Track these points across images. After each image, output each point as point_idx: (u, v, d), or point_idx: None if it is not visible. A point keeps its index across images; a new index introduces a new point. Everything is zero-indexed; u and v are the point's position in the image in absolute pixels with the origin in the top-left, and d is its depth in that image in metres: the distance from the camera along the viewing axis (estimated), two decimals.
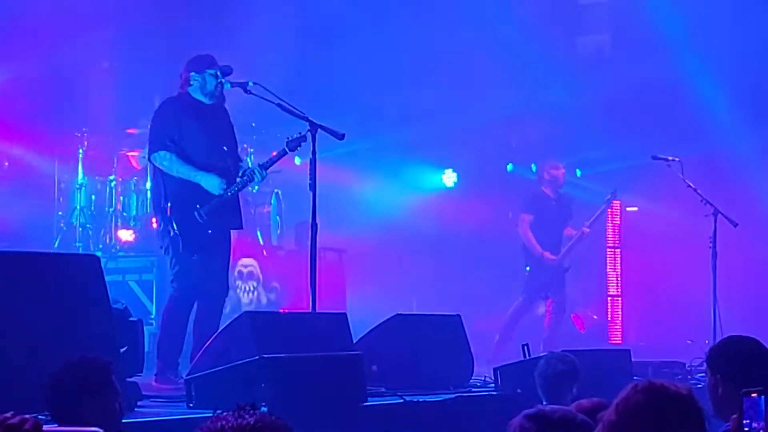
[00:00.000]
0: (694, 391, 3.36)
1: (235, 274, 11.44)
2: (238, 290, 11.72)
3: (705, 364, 4.86)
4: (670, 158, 11.36)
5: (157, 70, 11.40)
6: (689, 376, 9.71)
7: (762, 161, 14.14)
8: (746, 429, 3.45)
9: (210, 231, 8.39)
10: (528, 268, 12.88)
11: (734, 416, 3.56)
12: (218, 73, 8.52)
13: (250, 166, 9.16)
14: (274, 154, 8.62)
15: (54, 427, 2.23)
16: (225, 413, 2.50)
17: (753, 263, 13.79)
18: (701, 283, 11.58)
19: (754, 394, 3.47)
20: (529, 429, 3.31)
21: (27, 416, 2.20)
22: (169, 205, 8.35)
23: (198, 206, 8.35)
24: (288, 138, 8.40)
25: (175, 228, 8.30)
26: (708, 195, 11.17)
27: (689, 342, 11.85)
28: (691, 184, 11.29)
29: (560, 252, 12.86)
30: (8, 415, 2.20)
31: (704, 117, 14.58)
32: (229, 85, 8.53)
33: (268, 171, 8.69)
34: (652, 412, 3.21)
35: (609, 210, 13.78)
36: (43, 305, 6.02)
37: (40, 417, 3.48)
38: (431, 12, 14.34)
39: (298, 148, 8.36)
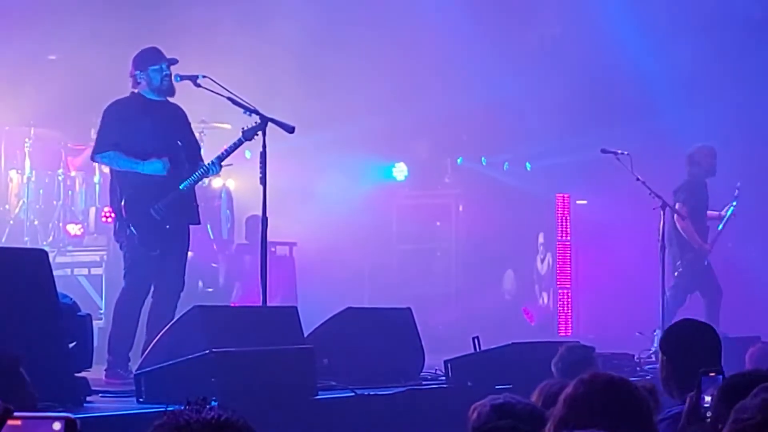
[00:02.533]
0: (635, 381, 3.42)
1: None
2: None
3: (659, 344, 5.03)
4: (620, 152, 11.43)
5: (106, 62, 11.30)
6: (638, 368, 9.79)
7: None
8: (706, 405, 3.52)
9: (168, 226, 8.35)
10: (679, 264, 11.98)
11: (691, 394, 3.63)
12: (162, 66, 8.44)
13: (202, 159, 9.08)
14: (225, 147, 8.57)
15: (24, 413, 2.21)
16: (180, 408, 2.48)
17: None
18: (650, 275, 11.67)
19: (712, 374, 3.55)
20: (492, 418, 3.33)
21: None
22: (123, 203, 8.29)
23: (153, 203, 8.30)
24: (243, 128, 8.37)
25: (133, 229, 8.26)
26: (656, 188, 11.25)
27: (638, 334, 11.95)
28: (639, 177, 11.37)
29: (709, 240, 12.09)
30: None
31: (654, 110, 14.70)
32: (178, 78, 8.46)
33: (222, 164, 8.62)
34: (598, 403, 3.24)
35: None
36: None
37: None
38: (382, 5, 14.33)
39: (255, 137, 8.32)
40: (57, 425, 2.16)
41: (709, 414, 3.56)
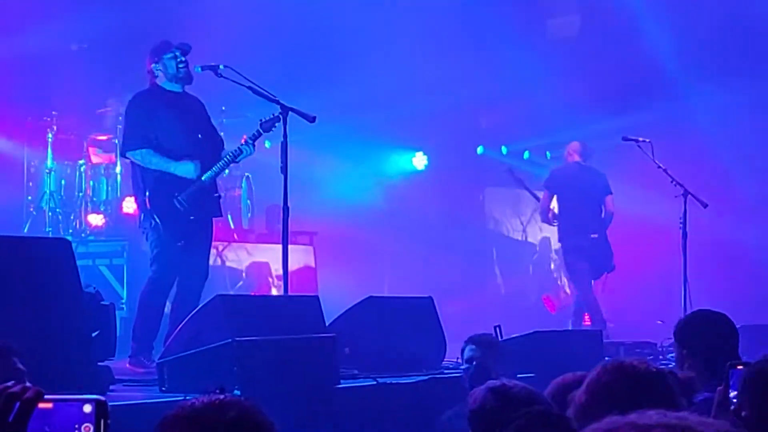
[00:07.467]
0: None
1: None
2: None
3: (673, 338, 4.97)
4: (641, 139, 11.39)
5: (127, 52, 11.32)
6: (660, 356, 9.78)
7: (732, 141, 14.21)
8: (733, 399, 3.50)
9: (192, 217, 8.36)
10: None
11: (720, 387, 3.61)
12: (177, 53, 8.45)
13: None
14: (245, 138, 8.56)
15: (55, 395, 2.25)
16: (201, 401, 2.49)
17: (722, 244, 13.87)
18: (672, 263, 11.64)
19: (740, 367, 3.52)
20: (491, 401, 3.32)
21: (28, 385, 2.22)
22: (147, 195, 8.31)
23: (177, 194, 8.31)
24: (261, 119, 8.36)
25: (157, 220, 8.27)
26: (678, 176, 11.21)
27: (660, 322, 11.92)
28: (661, 165, 11.33)
29: None
30: (9, 384, 2.22)
31: (674, 97, 14.64)
32: (199, 69, 8.45)
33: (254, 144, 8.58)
34: (622, 391, 3.23)
35: None
36: (14, 290, 5.99)
37: None
38: None
39: (273, 129, 8.32)
40: (88, 407, 2.19)
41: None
